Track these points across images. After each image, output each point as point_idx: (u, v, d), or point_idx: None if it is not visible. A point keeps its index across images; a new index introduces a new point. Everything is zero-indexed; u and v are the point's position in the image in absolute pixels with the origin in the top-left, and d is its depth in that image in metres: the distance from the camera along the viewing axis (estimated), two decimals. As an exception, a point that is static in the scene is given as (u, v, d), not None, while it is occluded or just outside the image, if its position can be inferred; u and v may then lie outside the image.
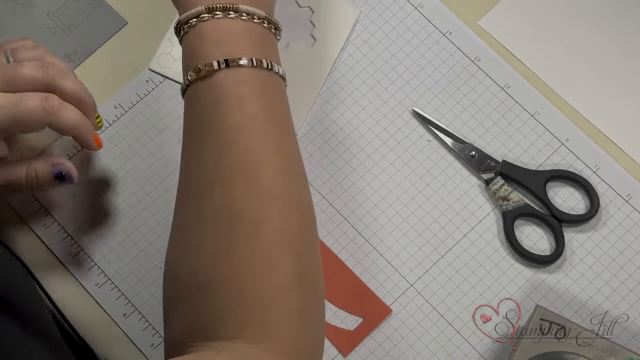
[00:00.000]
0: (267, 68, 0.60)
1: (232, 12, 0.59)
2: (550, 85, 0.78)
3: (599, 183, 0.75)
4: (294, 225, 0.56)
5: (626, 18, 0.80)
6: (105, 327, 0.72)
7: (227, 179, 0.56)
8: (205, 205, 0.56)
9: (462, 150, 0.76)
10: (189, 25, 0.59)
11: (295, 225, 0.56)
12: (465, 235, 0.74)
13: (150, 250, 0.74)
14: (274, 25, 0.62)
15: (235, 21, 0.59)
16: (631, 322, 0.71)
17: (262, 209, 0.55)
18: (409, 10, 0.80)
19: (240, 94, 0.58)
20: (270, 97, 0.60)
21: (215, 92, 0.58)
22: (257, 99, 0.59)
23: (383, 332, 0.71)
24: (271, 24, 0.61)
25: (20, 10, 0.80)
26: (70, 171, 0.66)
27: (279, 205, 0.56)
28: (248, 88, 0.58)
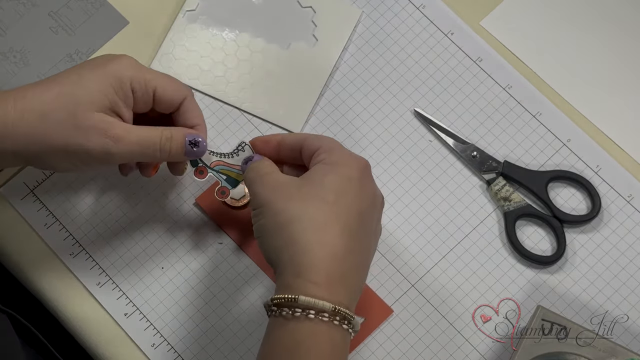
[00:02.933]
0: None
1: (346, 322, 0.58)
2: (552, 85, 0.78)
3: (601, 184, 0.75)
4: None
5: (627, 18, 0.80)
6: (106, 326, 0.72)
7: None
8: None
9: (464, 150, 0.76)
10: (306, 314, 0.57)
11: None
12: (467, 236, 0.74)
13: (151, 250, 0.74)
14: (356, 332, 0.60)
15: (344, 334, 0.58)
16: (632, 322, 0.71)
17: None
18: (411, 11, 0.80)
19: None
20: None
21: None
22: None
23: (384, 332, 0.71)
24: (355, 333, 0.60)
25: (22, 10, 0.80)
26: (204, 140, 0.67)
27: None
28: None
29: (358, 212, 0.60)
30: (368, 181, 0.63)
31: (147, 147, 0.65)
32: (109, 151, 0.63)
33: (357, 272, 0.60)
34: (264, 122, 0.77)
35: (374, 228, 0.63)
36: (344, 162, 0.62)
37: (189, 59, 0.79)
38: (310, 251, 0.58)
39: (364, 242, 0.61)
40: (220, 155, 0.69)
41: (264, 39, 0.79)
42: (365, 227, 0.61)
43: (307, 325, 0.57)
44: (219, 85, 0.78)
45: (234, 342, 0.71)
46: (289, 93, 0.78)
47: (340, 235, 0.59)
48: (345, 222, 0.59)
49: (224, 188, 0.69)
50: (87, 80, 0.63)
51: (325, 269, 0.58)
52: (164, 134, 0.66)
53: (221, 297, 0.72)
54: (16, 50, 0.79)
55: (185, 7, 0.80)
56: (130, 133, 0.64)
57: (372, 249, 0.63)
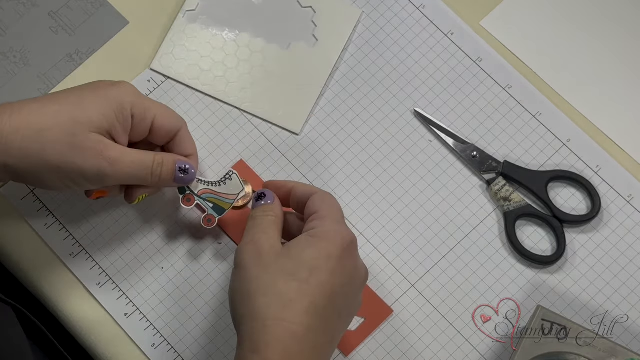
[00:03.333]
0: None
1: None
2: (552, 85, 0.78)
3: (601, 184, 0.75)
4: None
5: (628, 18, 0.80)
6: (107, 326, 0.72)
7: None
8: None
9: (464, 150, 0.76)
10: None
11: None
12: (467, 236, 0.74)
13: (151, 250, 0.74)
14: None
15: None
16: (632, 322, 0.71)
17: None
18: (411, 11, 0.80)
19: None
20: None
21: None
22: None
23: (384, 332, 0.71)
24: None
25: (23, 10, 0.80)
26: (193, 168, 0.68)
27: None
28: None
29: (331, 291, 0.60)
30: (349, 259, 0.62)
31: (140, 171, 0.66)
32: (103, 172, 0.64)
33: (317, 350, 0.59)
34: (264, 122, 0.77)
35: (348, 305, 0.62)
36: (328, 237, 0.62)
37: (189, 59, 0.79)
38: (269, 329, 0.58)
39: (331, 321, 0.61)
40: (208, 184, 0.71)
41: (264, 39, 0.79)
42: (335, 306, 0.61)
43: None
44: (219, 85, 0.78)
45: (234, 342, 0.71)
46: (289, 93, 0.78)
47: (305, 314, 0.59)
48: (312, 301, 0.59)
49: (210, 216, 0.70)
50: (87, 102, 0.64)
51: (282, 348, 0.57)
52: (156, 158, 0.66)
53: (221, 297, 0.72)
54: (16, 50, 0.79)
55: (185, 7, 0.80)
56: (125, 156, 0.64)
57: (339, 328, 0.62)
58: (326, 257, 0.60)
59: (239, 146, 0.77)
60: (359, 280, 0.63)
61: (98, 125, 0.63)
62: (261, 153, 0.76)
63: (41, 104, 0.63)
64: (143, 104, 0.66)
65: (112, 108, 0.64)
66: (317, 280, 0.60)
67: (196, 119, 0.77)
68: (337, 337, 0.62)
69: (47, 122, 0.62)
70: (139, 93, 0.67)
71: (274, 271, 0.60)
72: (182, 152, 0.70)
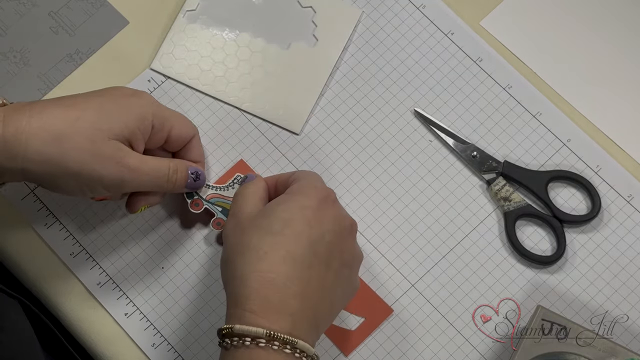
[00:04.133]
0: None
1: (288, 346, 0.57)
2: (552, 85, 0.78)
3: (601, 184, 0.75)
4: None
5: (628, 18, 0.80)
6: (107, 326, 0.72)
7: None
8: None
9: (464, 150, 0.76)
10: (242, 342, 0.57)
11: None
12: (467, 236, 0.74)
13: (151, 250, 0.74)
14: (312, 358, 0.60)
15: (289, 358, 0.58)
16: (632, 322, 0.71)
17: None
18: (411, 11, 0.80)
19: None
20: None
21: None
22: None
23: (384, 332, 0.71)
24: (308, 357, 0.59)
25: (23, 10, 0.80)
26: (204, 174, 0.71)
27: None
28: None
29: (307, 240, 0.60)
30: (328, 210, 0.63)
31: (158, 178, 0.67)
32: (123, 179, 0.64)
33: (303, 299, 0.59)
34: (264, 122, 0.77)
35: (337, 254, 0.62)
36: (302, 191, 0.63)
37: (189, 59, 0.79)
38: (247, 282, 0.59)
39: (316, 270, 0.60)
40: (216, 188, 0.72)
41: (264, 39, 0.79)
42: (317, 255, 0.61)
43: (245, 352, 0.57)
44: (219, 85, 0.78)
45: (234, 342, 0.71)
46: (289, 93, 0.78)
47: (281, 262, 0.59)
48: (288, 250, 0.60)
49: (220, 220, 0.71)
50: (108, 110, 0.64)
51: (261, 298, 0.58)
52: (171, 165, 0.68)
53: (221, 297, 0.72)
54: (16, 50, 0.79)
55: (186, 7, 0.80)
56: (143, 163, 0.65)
57: (332, 277, 0.62)
58: (300, 208, 0.62)
59: (239, 146, 0.77)
60: (344, 230, 0.63)
61: (118, 133, 0.64)
62: (261, 153, 0.76)
63: (62, 109, 0.63)
64: (162, 114, 0.67)
65: (133, 117, 0.65)
66: (292, 231, 0.60)
67: (196, 119, 0.77)
68: (330, 288, 0.62)
69: (67, 128, 0.62)
70: (158, 103, 0.68)
71: (249, 232, 0.61)
72: (192, 158, 0.71)
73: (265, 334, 0.57)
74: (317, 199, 0.63)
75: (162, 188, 0.68)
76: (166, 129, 0.68)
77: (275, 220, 0.61)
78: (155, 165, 0.67)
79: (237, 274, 0.60)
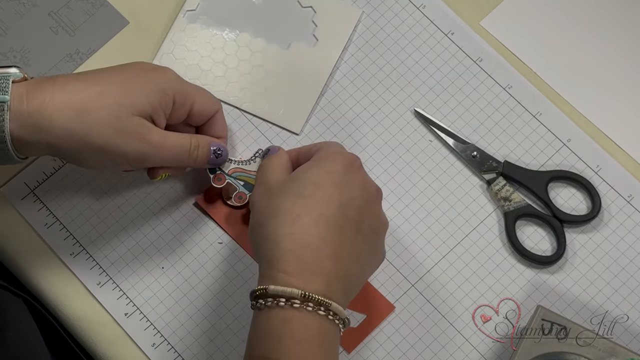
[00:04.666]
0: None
1: (322, 308, 0.58)
2: (552, 85, 0.78)
3: (601, 184, 0.75)
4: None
5: (628, 19, 0.80)
6: (107, 326, 0.72)
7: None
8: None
9: (464, 150, 0.76)
10: (276, 302, 0.58)
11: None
12: (467, 236, 0.74)
13: (151, 250, 0.74)
14: (347, 324, 0.61)
15: (322, 321, 0.58)
16: (632, 322, 0.71)
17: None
18: (411, 11, 0.80)
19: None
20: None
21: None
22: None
23: (384, 332, 0.71)
24: (346, 325, 0.60)
25: (23, 10, 0.80)
26: (226, 150, 0.71)
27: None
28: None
29: (338, 203, 0.61)
30: (355, 174, 0.64)
31: (179, 154, 0.67)
32: (146, 155, 0.65)
33: (337, 260, 0.60)
34: (264, 122, 0.77)
35: (366, 219, 0.63)
36: (328, 157, 0.64)
37: (189, 59, 0.79)
38: (281, 244, 0.59)
39: (348, 233, 0.61)
40: (238, 163, 0.72)
41: (264, 39, 0.79)
42: (348, 218, 0.61)
43: (279, 313, 0.58)
44: (219, 85, 0.78)
45: (234, 341, 0.71)
46: (289, 93, 0.78)
47: (314, 225, 0.60)
48: (320, 212, 0.60)
49: (242, 193, 0.72)
50: (131, 85, 0.65)
51: (295, 259, 0.59)
52: (193, 141, 0.68)
53: (221, 297, 0.72)
54: (16, 50, 0.79)
55: (186, 7, 0.80)
56: (165, 139, 0.66)
57: (362, 240, 0.62)
58: (328, 172, 0.62)
59: (239, 146, 0.77)
60: (371, 195, 0.64)
61: (141, 109, 0.65)
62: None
63: (85, 84, 0.64)
64: (184, 90, 0.68)
65: (155, 93, 0.65)
66: (322, 194, 0.61)
67: (196, 119, 0.77)
68: (360, 253, 0.62)
69: (91, 104, 0.63)
70: (180, 79, 0.68)
71: (279, 195, 0.62)
72: (215, 133, 0.71)
73: (300, 295, 0.57)
74: (343, 164, 0.63)
75: (183, 163, 0.69)
76: (188, 104, 0.68)
77: (305, 184, 0.62)
78: (177, 141, 0.67)
79: (269, 237, 0.60)
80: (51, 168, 0.76)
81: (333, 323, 0.59)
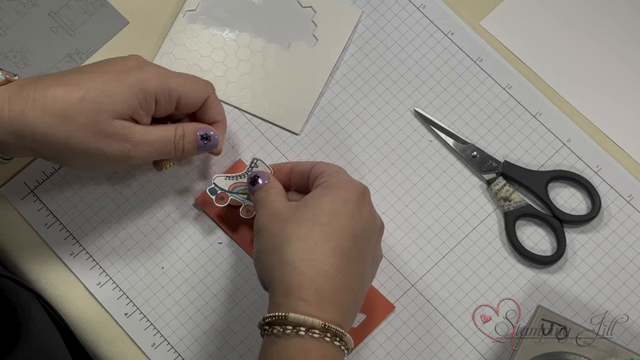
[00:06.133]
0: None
1: (338, 339, 0.58)
2: (552, 86, 0.78)
3: (601, 184, 0.75)
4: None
5: (627, 18, 0.80)
6: (107, 326, 0.72)
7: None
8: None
9: (464, 150, 0.76)
10: (296, 331, 0.57)
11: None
12: (467, 236, 0.74)
13: (151, 250, 0.74)
14: (350, 351, 0.61)
15: (337, 351, 0.58)
16: (632, 322, 0.71)
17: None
18: (411, 11, 0.80)
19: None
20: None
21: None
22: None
23: (384, 332, 0.71)
24: (350, 352, 0.60)
25: (23, 10, 0.80)
26: (215, 134, 0.70)
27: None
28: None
29: (352, 234, 0.61)
30: (366, 206, 0.64)
31: (163, 147, 0.68)
32: (127, 155, 0.65)
33: (349, 292, 0.60)
34: (264, 122, 0.77)
35: (371, 252, 0.63)
36: (342, 186, 0.63)
37: (189, 59, 0.79)
38: (300, 270, 0.59)
39: (358, 264, 0.61)
40: (236, 178, 0.72)
41: (264, 39, 0.79)
42: (359, 249, 0.61)
43: (299, 342, 0.57)
44: (219, 85, 0.78)
45: (234, 341, 0.71)
46: (289, 93, 0.78)
47: (332, 254, 0.60)
48: (337, 242, 0.60)
49: (249, 207, 0.72)
50: (111, 89, 0.65)
51: (314, 287, 0.58)
52: (177, 131, 0.68)
53: (221, 297, 0.72)
54: (16, 50, 0.79)
55: (186, 7, 0.80)
56: (147, 136, 0.66)
57: (367, 272, 0.63)
58: (343, 202, 0.62)
59: (239, 146, 0.77)
60: (377, 229, 0.65)
61: (121, 112, 0.65)
62: (261, 153, 0.76)
63: (66, 88, 0.64)
64: (167, 86, 0.67)
65: (135, 94, 0.65)
66: (338, 223, 0.61)
67: (196, 119, 0.77)
68: (366, 282, 0.63)
69: (71, 109, 0.63)
70: (162, 75, 0.67)
71: (295, 221, 0.62)
72: (210, 119, 0.71)
73: (321, 326, 0.57)
74: (357, 194, 0.63)
75: (171, 155, 0.69)
76: (173, 99, 0.68)
77: (321, 212, 0.61)
78: (160, 135, 0.67)
79: (286, 261, 0.60)
80: (51, 168, 0.76)
81: (342, 352, 0.59)
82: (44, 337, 0.64)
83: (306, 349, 0.57)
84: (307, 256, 0.59)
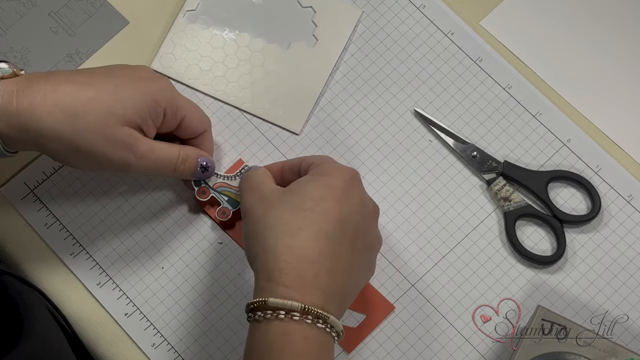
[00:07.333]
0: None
1: (321, 321, 0.58)
2: (552, 86, 0.78)
3: (601, 184, 0.75)
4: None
5: (628, 18, 0.80)
6: (107, 326, 0.72)
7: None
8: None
9: (464, 150, 0.76)
10: (276, 315, 0.58)
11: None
12: (467, 236, 0.74)
13: (151, 250, 0.74)
14: (341, 336, 0.61)
15: (320, 333, 0.58)
16: (632, 322, 0.71)
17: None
18: (411, 11, 0.80)
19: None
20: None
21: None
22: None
23: (384, 332, 0.71)
24: (340, 337, 0.61)
25: (23, 10, 0.80)
26: (213, 165, 0.71)
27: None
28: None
29: (337, 218, 0.61)
30: (354, 190, 0.64)
31: (163, 167, 0.68)
32: (128, 165, 0.65)
33: (333, 276, 0.60)
34: (264, 122, 0.77)
35: (361, 236, 0.63)
36: (328, 172, 0.64)
37: (189, 59, 0.79)
38: (281, 256, 0.59)
39: (345, 248, 0.61)
40: (223, 178, 0.72)
41: (264, 39, 0.79)
42: (346, 233, 0.61)
43: (279, 325, 0.58)
44: (219, 85, 0.78)
45: (234, 341, 0.72)
46: (289, 93, 0.78)
47: (314, 239, 0.60)
48: (320, 227, 0.60)
49: (225, 209, 0.72)
50: (123, 94, 0.65)
51: (296, 273, 0.59)
52: (181, 154, 0.69)
53: (221, 297, 0.72)
54: (16, 50, 0.79)
55: (186, 7, 0.80)
56: (152, 151, 0.66)
57: (357, 257, 0.63)
58: (328, 187, 0.62)
59: (239, 146, 0.77)
60: (370, 212, 0.65)
61: (131, 119, 0.65)
62: (261, 153, 0.76)
63: (77, 87, 0.64)
64: (176, 103, 0.68)
65: (147, 104, 0.65)
66: (323, 209, 0.61)
67: (196, 119, 0.77)
68: (355, 268, 0.63)
69: (81, 108, 0.63)
70: (173, 90, 0.68)
71: (279, 207, 0.62)
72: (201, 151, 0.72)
73: (300, 308, 0.57)
74: (344, 179, 0.63)
75: (167, 175, 0.69)
76: (179, 117, 0.68)
77: (306, 197, 0.62)
78: (164, 153, 0.67)
79: (268, 248, 0.60)
80: (51, 168, 0.76)
81: (329, 335, 0.59)
82: (46, 333, 0.64)
83: (287, 332, 0.58)
84: (288, 242, 0.60)
